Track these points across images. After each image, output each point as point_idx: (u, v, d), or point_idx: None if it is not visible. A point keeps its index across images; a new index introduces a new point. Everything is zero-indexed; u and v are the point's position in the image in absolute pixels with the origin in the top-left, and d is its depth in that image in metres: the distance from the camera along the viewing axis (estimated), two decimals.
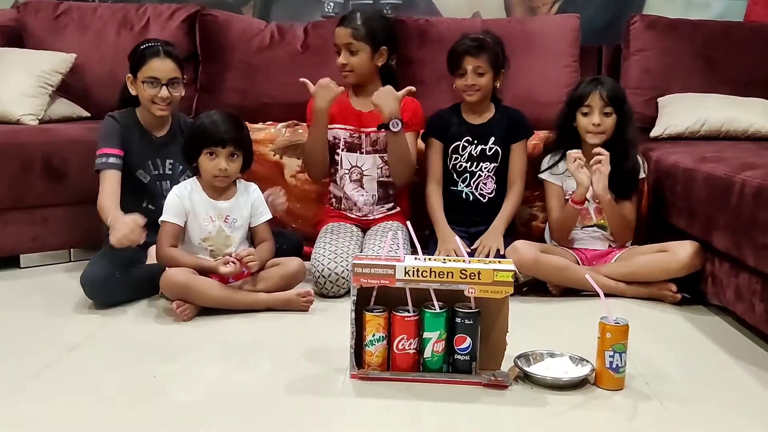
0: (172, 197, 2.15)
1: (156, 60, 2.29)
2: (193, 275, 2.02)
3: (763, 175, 1.83)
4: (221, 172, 2.11)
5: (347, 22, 2.45)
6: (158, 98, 2.28)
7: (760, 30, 3.16)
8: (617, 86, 2.41)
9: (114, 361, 1.73)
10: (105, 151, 2.27)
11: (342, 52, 2.45)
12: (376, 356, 1.62)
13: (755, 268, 1.83)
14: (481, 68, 2.42)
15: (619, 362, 1.58)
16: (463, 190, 2.52)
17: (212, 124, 2.13)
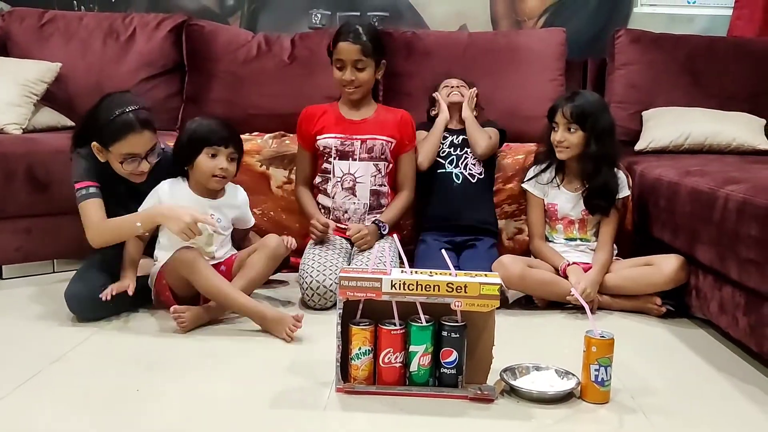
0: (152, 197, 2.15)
1: (133, 136, 2.07)
2: (201, 257, 2.03)
3: (746, 189, 1.85)
4: (222, 172, 2.12)
5: (354, 38, 2.41)
6: (138, 171, 2.13)
7: (743, 45, 3.20)
8: (589, 102, 2.34)
9: (97, 374, 1.71)
10: (83, 185, 2.13)
11: (348, 69, 2.43)
12: (362, 370, 1.61)
13: (738, 282, 1.84)
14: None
15: (604, 376, 1.58)
16: (452, 171, 2.58)
17: (212, 124, 2.16)
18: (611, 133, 2.38)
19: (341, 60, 2.43)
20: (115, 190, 2.19)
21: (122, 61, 3.19)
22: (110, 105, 2.10)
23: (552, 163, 2.41)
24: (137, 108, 2.10)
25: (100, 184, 2.16)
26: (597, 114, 2.33)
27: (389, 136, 2.49)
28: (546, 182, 2.43)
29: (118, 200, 2.21)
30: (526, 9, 3.51)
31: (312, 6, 3.51)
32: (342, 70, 2.44)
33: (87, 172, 2.14)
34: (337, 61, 2.44)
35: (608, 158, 2.35)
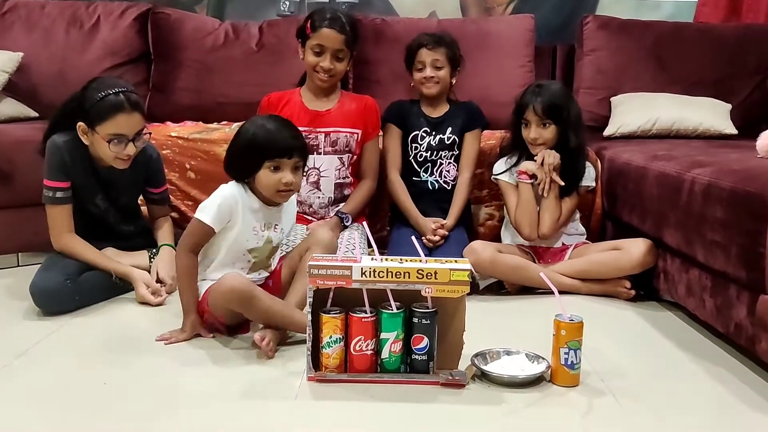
0: (225, 198, 1.84)
1: (122, 115, 2.05)
2: (255, 288, 1.77)
3: (711, 173, 1.87)
4: (287, 187, 1.83)
5: (339, 26, 2.36)
6: (124, 155, 2.10)
7: (709, 31, 3.23)
8: (556, 94, 2.33)
9: (63, 369, 1.68)
10: (52, 185, 2.11)
11: (327, 56, 2.37)
12: (334, 358, 1.61)
13: (705, 264, 1.87)
14: (439, 61, 2.47)
15: (574, 359, 1.59)
16: (428, 179, 2.55)
17: (273, 132, 1.82)
18: (581, 122, 2.40)
19: (322, 46, 2.36)
20: (88, 181, 2.17)
21: (86, 50, 3.13)
22: (100, 86, 2.09)
23: (521, 156, 2.40)
24: (128, 90, 2.09)
25: (73, 176, 2.13)
26: (567, 105, 2.34)
27: (353, 127, 2.46)
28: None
29: (90, 191, 2.19)
30: None
31: None
32: (319, 56, 2.38)
33: (59, 169, 2.11)
34: (316, 46, 2.37)
35: (581, 148, 2.38)
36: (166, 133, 2.69)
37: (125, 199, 2.29)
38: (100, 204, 2.23)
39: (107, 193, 2.23)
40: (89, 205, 2.22)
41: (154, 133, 2.64)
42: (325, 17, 2.38)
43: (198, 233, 1.84)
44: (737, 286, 1.73)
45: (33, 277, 2.06)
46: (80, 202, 2.18)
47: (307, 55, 2.41)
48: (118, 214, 2.29)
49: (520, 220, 2.36)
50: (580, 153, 2.37)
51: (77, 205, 2.18)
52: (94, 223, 2.24)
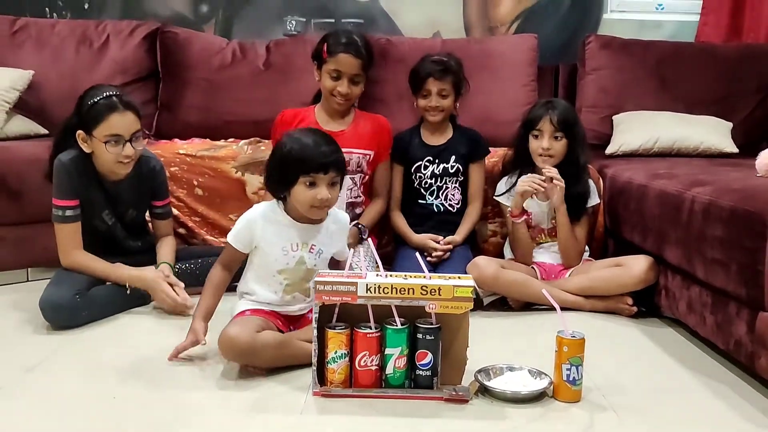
0: (246, 220, 1.83)
1: (116, 115, 2.10)
2: (256, 335, 1.71)
3: (711, 191, 1.90)
4: (322, 203, 1.77)
5: (357, 52, 2.39)
6: (123, 156, 2.13)
7: (710, 50, 3.27)
8: (569, 110, 2.42)
9: (73, 383, 1.70)
10: (61, 203, 2.16)
11: (344, 81, 2.39)
12: (339, 373, 1.63)
13: (705, 282, 1.89)
14: (445, 90, 2.48)
15: (576, 375, 1.61)
16: (433, 203, 2.57)
17: (310, 146, 1.76)
18: (586, 141, 2.47)
19: (339, 71, 2.39)
20: (95, 196, 2.21)
21: (95, 68, 3.18)
22: (92, 92, 2.15)
23: (522, 173, 2.44)
24: (119, 93, 2.16)
25: (81, 192, 2.17)
26: (578, 122, 2.41)
27: (366, 148, 2.49)
28: None
29: (97, 207, 2.23)
30: (498, 15, 3.55)
31: (286, 13, 3.52)
32: (336, 81, 2.40)
33: (66, 187, 2.15)
34: (333, 71, 2.39)
35: (586, 167, 2.43)
36: (174, 150, 2.73)
37: (132, 214, 2.33)
38: (107, 219, 2.27)
39: (114, 208, 2.27)
40: (96, 220, 2.25)
41: (162, 150, 2.70)
42: (342, 42, 2.39)
43: (227, 251, 1.85)
44: (737, 303, 1.76)
45: (42, 292, 2.09)
46: (88, 217, 2.22)
47: (323, 78, 2.43)
48: (125, 229, 2.32)
49: (515, 252, 2.45)
50: (584, 172, 2.41)
51: (85, 221, 2.21)
52: (102, 238, 2.28)
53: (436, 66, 2.48)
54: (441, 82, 2.47)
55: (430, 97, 2.49)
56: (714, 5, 3.45)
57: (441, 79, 2.46)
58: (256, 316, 1.80)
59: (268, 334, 1.74)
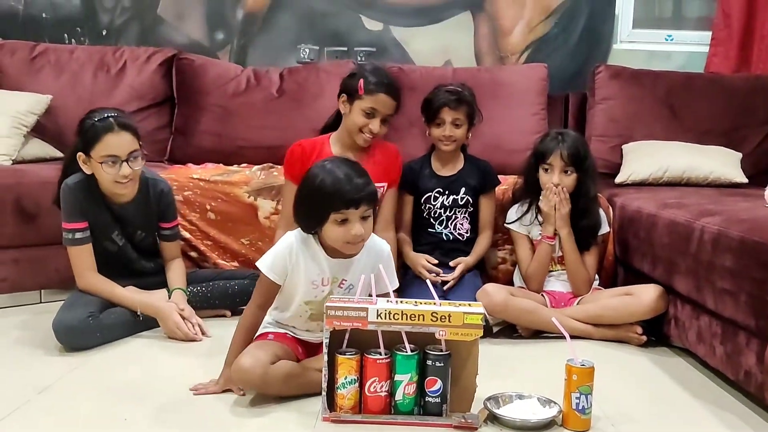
0: (281, 249, 1.77)
1: (111, 135, 2.12)
2: (268, 369, 1.69)
3: (720, 221, 1.91)
4: (356, 239, 1.70)
5: (394, 92, 2.38)
6: (120, 176, 2.14)
7: (719, 81, 3.29)
8: (579, 143, 2.41)
9: (84, 404, 1.72)
10: (70, 226, 2.19)
11: (377, 120, 2.36)
12: (348, 399, 1.64)
13: (715, 312, 1.89)
14: (459, 120, 2.49)
15: (585, 404, 1.61)
16: (442, 231, 2.57)
17: (341, 181, 1.67)
18: (597, 172, 2.49)
19: (375, 110, 2.36)
20: (103, 218, 2.24)
21: (112, 93, 3.23)
22: (91, 114, 2.18)
23: (533, 203, 2.46)
24: (116, 114, 2.17)
25: (89, 215, 2.20)
26: (588, 155, 2.42)
27: (380, 180, 2.42)
28: (529, 223, 2.48)
29: (106, 229, 2.25)
30: (508, 45, 3.59)
31: (300, 41, 3.58)
32: (369, 119, 2.36)
33: (74, 210, 2.18)
34: (369, 108, 2.35)
35: (596, 198, 2.45)
36: (188, 174, 2.76)
37: (142, 235, 2.35)
38: (118, 240, 2.29)
39: (123, 229, 2.29)
40: (106, 242, 2.27)
41: (175, 175, 2.74)
42: (382, 82, 2.37)
43: (263, 286, 1.78)
44: (746, 334, 1.76)
45: (56, 314, 2.11)
46: (98, 240, 2.24)
47: (354, 114, 2.38)
48: (135, 250, 2.34)
49: (532, 276, 2.43)
50: (594, 204, 2.44)
51: (95, 243, 2.24)
52: (114, 260, 2.30)
53: (450, 96, 2.49)
54: (455, 111, 2.48)
55: (443, 127, 2.50)
56: (723, 37, 3.48)
57: (455, 108, 2.48)
58: (277, 342, 1.80)
59: (282, 366, 1.72)
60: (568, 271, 2.42)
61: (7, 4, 3.51)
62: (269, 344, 1.79)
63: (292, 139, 2.77)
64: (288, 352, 1.80)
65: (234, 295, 2.41)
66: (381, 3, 3.56)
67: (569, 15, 3.56)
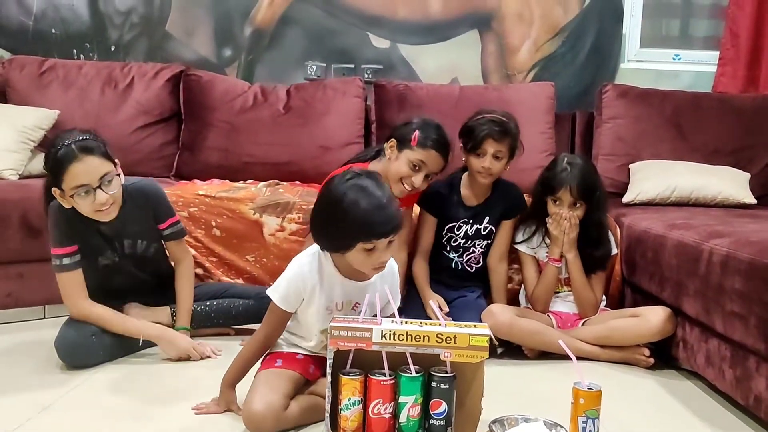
0: (293, 276, 1.70)
1: (75, 164, 1.95)
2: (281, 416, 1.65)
3: (729, 243, 1.89)
4: (382, 265, 1.66)
5: (446, 152, 2.29)
6: (97, 205, 2.01)
7: (727, 100, 3.28)
8: (588, 176, 2.36)
9: (86, 423, 1.70)
10: (58, 252, 2.08)
11: (422, 175, 2.28)
12: (352, 420, 1.61)
13: (724, 335, 1.87)
14: (501, 153, 2.37)
15: (592, 428, 1.59)
16: (454, 259, 2.53)
17: (372, 212, 1.59)
18: (606, 200, 2.46)
19: (423, 164, 2.27)
20: (93, 240, 2.15)
21: (120, 109, 3.24)
22: (54, 143, 2.03)
23: (539, 227, 2.45)
24: (77, 139, 1.99)
25: (78, 239, 2.10)
26: (598, 186, 2.38)
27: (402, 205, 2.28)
28: (537, 245, 2.47)
29: (97, 249, 2.17)
30: (516, 63, 3.60)
31: (307, 58, 3.59)
32: (414, 171, 2.28)
33: (61, 235, 2.09)
34: (418, 161, 2.27)
35: (605, 226, 2.43)
36: (194, 191, 2.76)
37: (144, 244, 2.25)
38: (111, 257, 2.21)
39: (116, 247, 2.21)
40: (102, 260, 2.20)
41: (181, 191, 2.73)
42: (439, 140, 2.28)
43: (274, 316, 1.72)
44: (756, 358, 1.73)
45: (58, 331, 2.10)
46: (91, 259, 2.16)
47: (400, 163, 2.29)
48: (135, 263, 2.26)
49: (538, 297, 2.42)
50: (603, 231, 2.42)
51: (89, 263, 2.15)
52: (111, 276, 2.23)
53: (495, 126, 2.35)
54: (498, 144, 2.35)
55: (484, 158, 2.36)
56: (731, 56, 3.48)
57: (499, 141, 2.35)
58: (286, 371, 1.74)
59: (294, 411, 1.68)
60: (575, 293, 2.40)
61: (17, 20, 3.53)
62: (278, 379, 1.71)
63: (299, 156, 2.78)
64: (297, 380, 1.75)
65: (237, 316, 2.38)
66: (388, 21, 3.57)
67: (577, 34, 3.56)
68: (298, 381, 1.75)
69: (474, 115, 2.44)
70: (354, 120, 3.23)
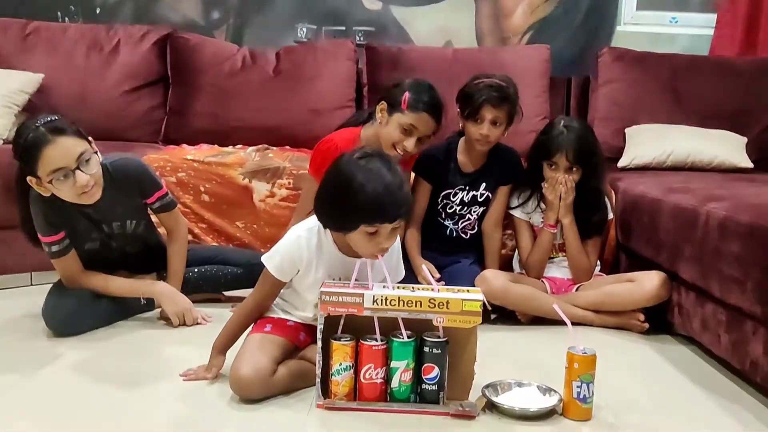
0: (289, 247, 1.65)
1: (48, 148, 1.85)
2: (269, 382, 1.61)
3: (727, 207, 1.85)
4: (383, 252, 1.59)
5: (439, 114, 2.21)
6: (78, 188, 1.91)
7: (724, 64, 3.23)
8: (585, 140, 2.30)
9: (72, 390, 1.67)
10: (47, 240, 2.02)
11: (414, 139, 2.19)
12: (343, 386, 1.59)
13: (720, 299, 1.84)
14: (500, 119, 2.29)
15: (586, 393, 1.57)
16: (449, 226, 2.48)
17: (381, 195, 1.51)
18: (604, 164, 2.41)
19: (414, 128, 2.18)
20: (78, 225, 2.08)
21: (106, 72, 3.18)
22: (21, 131, 1.93)
23: (535, 192, 2.40)
24: (45, 121, 1.89)
25: (63, 225, 2.03)
26: (596, 150, 2.34)
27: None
28: (531, 210, 2.43)
29: (84, 233, 2.11)
30: (510, 26, 3.53)
31: (297, 20, 3.51)
32: (406, 135, 2.19)
33: (46, 223, 2.02)
34: (408, 125, 2.18)
35: (602, 191, 2.39)
36: (182, 156, 2.71)
37: (133, 223, 2.19)
38: (98, 237, 2.15)
39: (103, 229, 2.14)
40: (88, 243, 2.14)
41: (169, 156, 2.68)
42: (430, 102, 2.19)
43: (267, 283, 1.69)
44: (753, 322, 1.71)
45: (45, 299, 2.07)
46: (79, 243, 2.10)
47: (391, 127, 2.21)
48: (120, 242, 2.19)
49: (532, 263, 2.39)
50: (600, 196, 2.38)
51: (77, 246, 2.10)
52: (101, 256, 2.17)
53: (493, 92, 2.27)
54: (497, 110, 2.27)
55: (482, 125, 2.29)
56: (729, 19, 3.42)
57: (497, 106, 2.27)
58: (275, 337, 1.70)
59: (284, 372, 1.64)
60: (569, 259, 2.37)
61: None
62: (267, 344, 1.67)
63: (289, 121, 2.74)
64: (286, 346, 1.71)
65: (226, 284, 2.35)
66: None
67: None
68: (287, 347, 1.72)
69: (471, 79, 2.37)
70: (345, 83, 3.17)
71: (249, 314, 1.74)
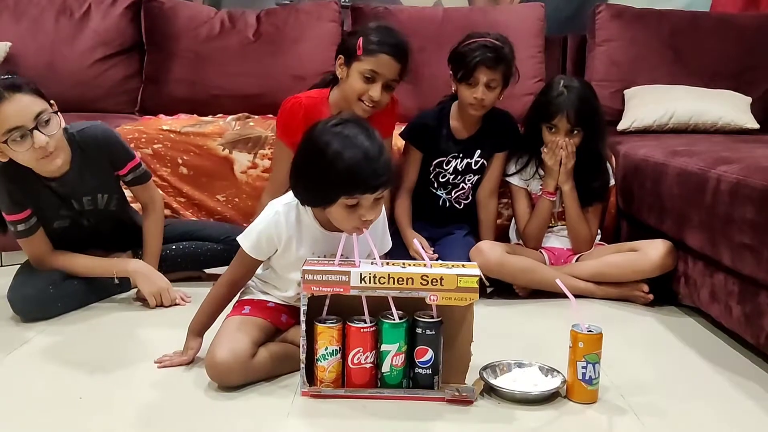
0: (267, 225, 1.54)
1: (4, 105, 1.74)
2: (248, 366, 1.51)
3: (739, 170, 1.74)
4: (365, 225, 1.47)
5: (400, 54, 2.04)
6: (37, 150, 1.79)
7: (728, 21, 3.12)
8: (586, 101, 2.18)
9: (39, 379, 1.57)
10: (12, 218, 1.91)
11: (378, 85, 2.03)
12: (330, 371, 1.48)
13: (732, 268, 1.74)
14: (495, 81, 2.16)
15: (592, 373, 1.46)
16: (442, 196, 2.37)
17: (359, 162, 1.40)
18: (605, 126, 2.30)
19: (375, 73, 2.02)
20: (45, 200, 1.95)
21: (76, 40, 3.05)
22: None
23: (533, 157, 2.28)
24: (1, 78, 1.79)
25: (28, 202, 1.92)
26: (597, 110, 2.22)
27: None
28: (529, 177, 2.31)
29: (52, 209, 1.98)
30: None
31: None
32: (370, 83, 2.03)
33: (10, 200, 1.90)
34: (368, 71, 2.02)
35: (603, 155, 2.28)
36: (157, 126, 2.58)
37: (105, 198, 2.05)
38: (67, 215, 2.02)
39: (72, 205, 2.01)
40: (57, 220, 2.01)
41: (144, 126, 2.55)
42: (385, 41, 2.04)
43: (243, 263, 1.58)
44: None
45: (11, 282, 1.95)
46: (47, 221, 1.98)
47: (352, 79, 2.05)
48: (92, 218, 2.06)
49: (530, 233, 2.28)
50: (602, 160, 2.27)
51: (45, 224, 1.98)
52: (71, 233, 2.04)
53: (488, 53, 2.14)
54: (492, 72, 2.14)
55: (476, 88, 2.16)
56: None
57: (492, 68, 2.14)
58: (255, 318, 1.59)
59: (264, 355, 1.54)
60: (569, 227, 2.26)
61: None
62: (246, 326, 1.56)
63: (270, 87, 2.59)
64: (267, 328, 1.60)
65: (205, 262, 2.24)
66: None
67: None
68: (268, 329, 1.61)
69: (464, 39, 2.23)
70: (329, 47, 2.96)
71: (222, 294, 1.62)
